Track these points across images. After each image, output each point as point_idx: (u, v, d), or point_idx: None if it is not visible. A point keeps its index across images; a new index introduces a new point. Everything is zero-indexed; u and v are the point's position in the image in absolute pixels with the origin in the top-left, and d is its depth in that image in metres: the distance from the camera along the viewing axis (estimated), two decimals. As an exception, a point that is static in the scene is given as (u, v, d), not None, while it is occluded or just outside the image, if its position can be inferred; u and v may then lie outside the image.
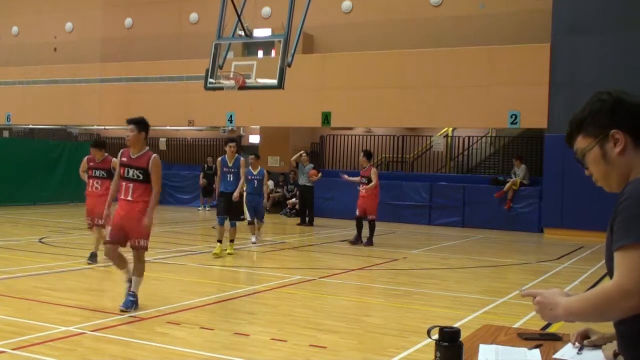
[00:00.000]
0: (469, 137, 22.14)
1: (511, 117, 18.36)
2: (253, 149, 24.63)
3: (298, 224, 18.61)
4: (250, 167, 13.28)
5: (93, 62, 26.49)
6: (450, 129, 22.31)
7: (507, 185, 18.58)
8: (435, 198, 19.72)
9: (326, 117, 20.70)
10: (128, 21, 27.50)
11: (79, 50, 27.95)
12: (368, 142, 23.18)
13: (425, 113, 19.66)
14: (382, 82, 20.07)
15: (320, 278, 9.69)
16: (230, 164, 11.49)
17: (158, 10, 26.46)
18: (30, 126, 27.70)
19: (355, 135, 23.17)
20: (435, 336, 2.46)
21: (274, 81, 13.70)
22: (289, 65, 13.69)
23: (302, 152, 18.65)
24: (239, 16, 14.07)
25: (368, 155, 14.28)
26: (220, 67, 14.46)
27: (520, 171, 18.70)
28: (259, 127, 23.44)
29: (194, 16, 25.47)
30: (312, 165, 18.85)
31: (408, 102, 19.75)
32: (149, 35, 26.43)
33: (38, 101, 26.00)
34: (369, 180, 13.82)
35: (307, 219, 18.67)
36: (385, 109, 20.08)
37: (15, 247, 11.89)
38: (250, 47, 23.01)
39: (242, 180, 11.48)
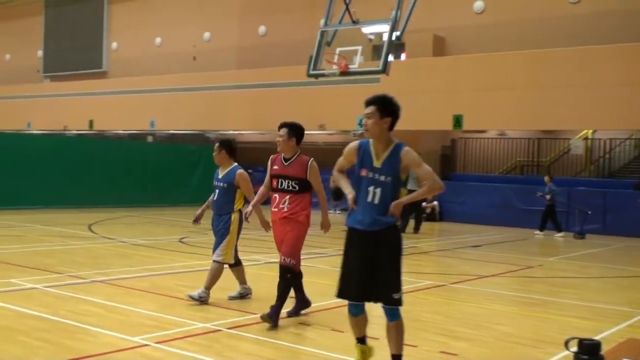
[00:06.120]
0: (610, 140, 21.04)
1: (658, 117, 17.24)
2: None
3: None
4: None
5: (229, 69, 27.54)
6: (590, 131, 21.28)
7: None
8: (573, 204, 18.85)
9: (457, 120, 20.34)
10: (262, 29, 28.37)
11: (216, 58, 29.18)
12: (502, 146, 22.58)
13: (563, 114, 18.84)
14: (515, 83, 19.46)
15: (451, 284, 9.54)
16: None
17: (290, 17, 27.11)
18: (172, 131, 29.16)
19: (488, 139, 22.63)
20: (574, 348, 2.36)
21: (378, 67, 13.37)
22: (398, 38, 13.27)
23: None
24: (347, 4, 14.02)
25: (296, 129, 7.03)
26: (328, 45, 14.32)
27: (667, 175, 17.55)
28: (388, 130, 23.40)
29: (324, 23, 25.86)
30: None
31: (544, 103, 19.02)
32: (282, 42, 27.13)
33: (178, 108, 27.35)
34: (302, 186, 6.79)
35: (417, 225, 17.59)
36: (519, 111, 19.44)
37: (158, 246, 12.57)
38: (379, 51, 23.06)
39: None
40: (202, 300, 7.37)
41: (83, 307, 7.02)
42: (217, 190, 7.55)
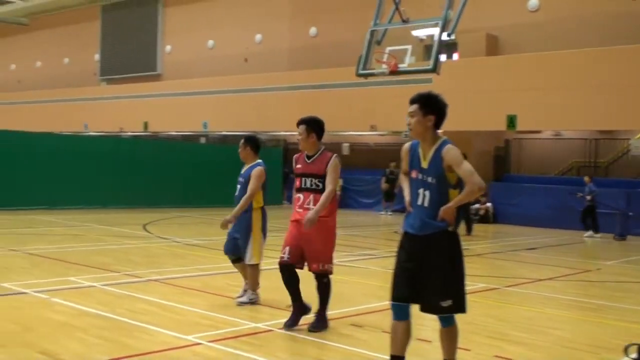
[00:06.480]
0: (671, 140, 20.38)
1: None
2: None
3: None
4: None
5: (281, 70, 27.71)
6: (650, 130, 20.69)
7: None
8: (633, 206, 18.32)
9: (511, 121, 20.01)
10: (313, 30, 28.45)
11: (267, 60, 29.39)
12: (557, 146, 22.13)
13: (622, 114, 18.35)
14: (571, 83, 19.04)
15: (505, 287, 9.39)
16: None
17: (341, 18, 27.11)
18: (224, 133, 29.48)
19: (544, 139, 22.21)
20: (634, 354, 2.29)
21: (429, 66, 13.18)
22: (449, 36, 13.10)
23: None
24: (396, 3, 13.91)
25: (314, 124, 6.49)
26: (378, 44, 14.19)
27: None
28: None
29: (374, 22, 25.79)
30: None
31: (601, 102, 18.55)
32: (333, 43, 27.16)
33: (231, 109, 27.65)
34: (325, 184, 6.31)
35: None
36: (575, 111, 19.01)
37: (210, 246, 12.72)
38: (430, 50, 22.88)
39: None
40: (253, 301, 7.43)
41: (139, 305, 7.16)
42: (238, 186, 7.55)
